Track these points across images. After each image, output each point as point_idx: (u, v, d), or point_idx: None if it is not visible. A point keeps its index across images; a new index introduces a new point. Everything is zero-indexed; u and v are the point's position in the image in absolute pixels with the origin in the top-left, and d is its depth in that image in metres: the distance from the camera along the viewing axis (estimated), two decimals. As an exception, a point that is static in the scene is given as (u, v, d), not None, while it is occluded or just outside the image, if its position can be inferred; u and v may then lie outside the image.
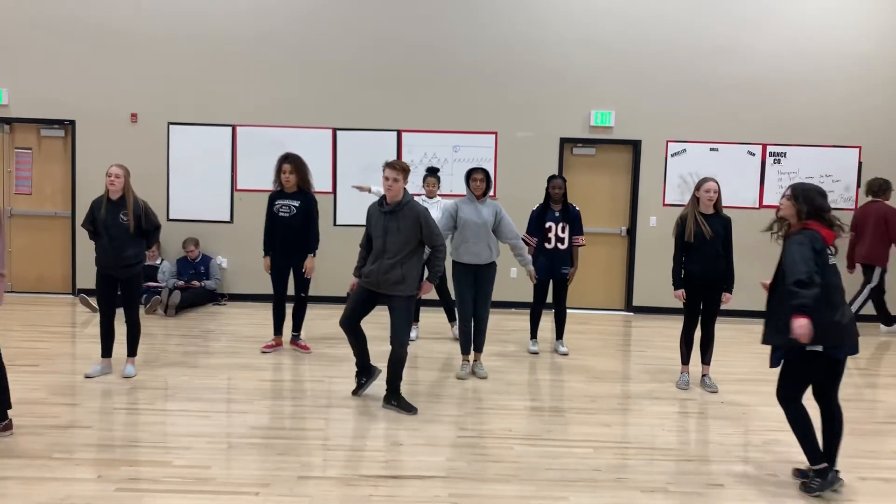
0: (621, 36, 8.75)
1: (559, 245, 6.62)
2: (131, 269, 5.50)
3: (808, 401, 3.93)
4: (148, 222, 5.58)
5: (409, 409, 5.01)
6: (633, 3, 8.76)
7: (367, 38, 8.76)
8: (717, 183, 5.57)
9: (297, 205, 6.32)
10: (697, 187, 5.61)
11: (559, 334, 6.89)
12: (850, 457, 4.46)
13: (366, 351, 5.25)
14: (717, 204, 5.59)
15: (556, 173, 7.49)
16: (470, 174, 5.94)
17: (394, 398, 5.07)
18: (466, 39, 8.78)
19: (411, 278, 5.02)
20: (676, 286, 5.71)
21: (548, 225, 6.63)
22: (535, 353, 6.75)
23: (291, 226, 6.31)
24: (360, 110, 8.82)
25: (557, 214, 6.65)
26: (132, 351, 5.69)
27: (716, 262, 5.56)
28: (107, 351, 5.64)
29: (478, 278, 5.89)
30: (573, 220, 6.68)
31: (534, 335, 6.86)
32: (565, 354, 6.74)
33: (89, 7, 8.68)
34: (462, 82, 8.82)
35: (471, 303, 5.88)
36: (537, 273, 6.46)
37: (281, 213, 6.31)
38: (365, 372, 5.32)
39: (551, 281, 6.71)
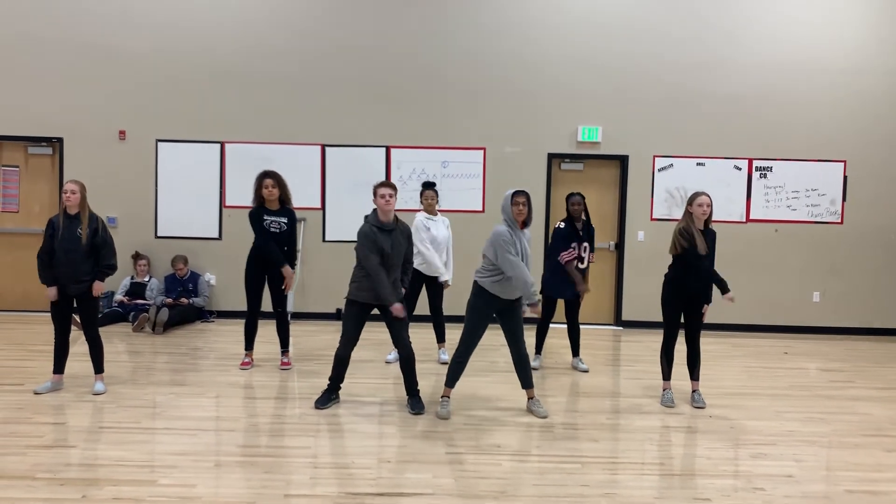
0: (608, 52, 8.84)
1: (579, 264, 6.49)
2: (84, 284, 5.46)
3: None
4: (101, 238, 5.49)
5: (420, 407, 5.34)
6: (619, 21, 8.85)
7: (356, 55, 8.80)
8: (709, 197, 5.50)
9: (285, 221, 6.34)
10: (690, 202, 5.52)
11: (576, 351, 6.83)
12: (835, 469, 4.49)
13: (345, 373, 5.52)
14: (708, 218, 5.54)
15: (573, 191, 6.83)
16: (512, 198, 5.15)
17: (417, 402, 5.36)
18: (455, 56, 8.84)
19: (399, 286, 5.45)
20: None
21: (573, 245, 6.48)
22: (535, 368, 6.68)
23: (281, 242, 6.31)
24: (348, 127, 8.85)
25: (581, 233, 6.53)
26: (98, 368, 5.69)
27: (708, 277, 5.54)
28: (58, 367, 5.64)
29: (504, 313, 5.27)
30: (591, 239, 6.61)
31: (539, 350, 6.83)
32: (586, 371, 6.72)
33: (77, 24, 8.70)
34: (451, 98, 8.87)
35: (481, 336, 5.30)
36: (552, 292, 6.54)
37: (272, 230, 6.29)
38: (336, 391, 5.51)
39: (562, 300, 6.63)
